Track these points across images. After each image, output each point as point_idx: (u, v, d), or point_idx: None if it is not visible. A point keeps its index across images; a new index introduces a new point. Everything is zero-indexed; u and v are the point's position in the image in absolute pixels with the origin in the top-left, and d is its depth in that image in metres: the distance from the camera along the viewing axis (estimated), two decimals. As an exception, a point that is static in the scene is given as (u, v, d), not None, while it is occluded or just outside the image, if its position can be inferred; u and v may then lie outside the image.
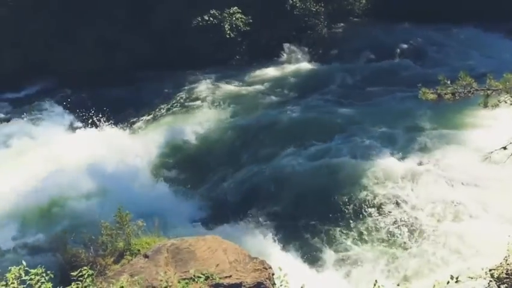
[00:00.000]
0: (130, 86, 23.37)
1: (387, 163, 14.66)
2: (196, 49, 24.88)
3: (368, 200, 13.54)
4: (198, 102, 21.54)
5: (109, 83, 23.30)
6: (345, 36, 28.84)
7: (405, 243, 12.09)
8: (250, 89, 22.83)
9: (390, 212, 13.16)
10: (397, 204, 13.33)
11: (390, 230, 12.58)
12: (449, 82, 6.82)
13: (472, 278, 6.78)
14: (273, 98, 21.85)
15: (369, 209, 13.28)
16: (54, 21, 24.79)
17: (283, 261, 9.95)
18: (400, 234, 12.41)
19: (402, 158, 15.04)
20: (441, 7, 28.02)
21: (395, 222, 12.78)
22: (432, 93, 6.80)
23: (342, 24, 30.48)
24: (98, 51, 24.42)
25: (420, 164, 14.76)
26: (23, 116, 20.43)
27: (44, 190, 13.78)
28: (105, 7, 24.94)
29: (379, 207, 13.33)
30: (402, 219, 12.85)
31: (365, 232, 12.57)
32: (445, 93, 6.80)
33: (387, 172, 14.33)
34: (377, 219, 12.88)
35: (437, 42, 26.92)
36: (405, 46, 26.60)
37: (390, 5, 29.57)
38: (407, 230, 12.53)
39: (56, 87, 24.15)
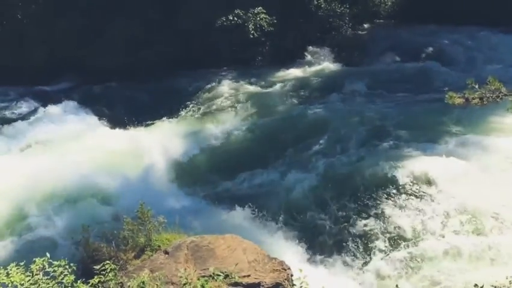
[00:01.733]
0: (155, 85, 23.62)
1: (411, 168, 14.43)
2: (220, 49, 25.03)
3: (393, 205, 13.34)
4: (221, 102, 21.64)
5: (134, 81, 23.65)
6: (370, 38, 28.60)
7: (432, 250, 11.84)
8: (273, 89, 22.82)
9: (414, 217, 12.94)
10: (422, 210, 13.10)
11: (416, 236, 12.35)
12: (476, 86, 6.68)
13: (495, 287, 6.66)
14: (296, 98, 21.79)
15: (395, 214, 13.08)
16: (84, 19, 25.23)
17: (302, 263, 9.92)
18: (427, 241, 12.16)
19: (428, 163, 14.76)
20: (468, 9, 27.53)
21: (422, 229, 12.55)
22: (459, 97, 6.67)
23: (366, 25, 30.25)
24: (125, 49, 24.77)
25: (446, 169, 14.45)
26: (49, 110, 20.79)
27: (68, 184, 14.02)
28: (133, 6, 25.29)
29: (404, 212, 13.13)
30: (429, 226, 12.61)
31: (390, 238, 12.38)
32: (473, 98, 6.66)
33: (412, 177, 14.11)
34: (403, 225, 12.68)
35: (464, 45, 26.47)
36: (431, 49, 26.23)
37: (415, 6, 29.21)
38: (434, 237, 12.29)
39: (83, 84, 24.60)
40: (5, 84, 24.01)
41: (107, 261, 5.71)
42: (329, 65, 25.56)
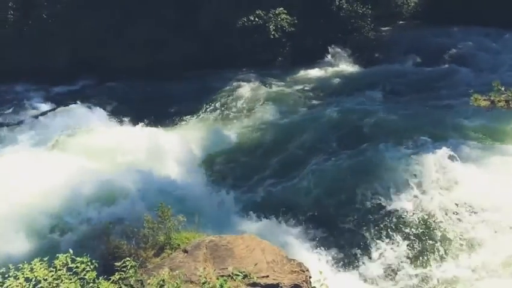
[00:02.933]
0: (175, 85, 23.81)
1: (432, 172, 14.22)
2: (240, 49, 25.09)
3: (412, 209, 13.19)
4: (241, 102, 21.68)
5: (154, 82, 23.89)
6: (392, 39, 28.30)
7: (456, 254, 11.65)
8: (293, 90, 22.77)
9: (434, 221, 12.76)
10: (442, 213, 12.91)
11: (436, 240, 12.18)
12: (503, 89, 6.55)
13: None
14: (316, 99, 21.71)
15: (413, 219, 12.92)
16: (106, 20, 25.59)
17: (321, 266, 9.86)
18: (448, 245, 11.98)
19: (449, 167, 14.51)
20: (493, 11, 27.01)
21: (442, 233, 12.37)
22: (484, 99, 6.55)
23: (389, 27, 29.95)
24: (146, 49, 25.05)
25: (466, 175, 14.20)
26: (70, 109, 21.09)
27: (89, 182, 14.20)
28: (154, 7, 25.55)
29: (422, 217, 12.96)
30: (450, 229, 12.41)
31: (410, 242, 12.24)
32: (498, 100, 6.54)
33: (432, 181, 13.91)
34: (423, 231, 12.51)
35: (488, 48, 25.96)
36: (454, 51, 25.80)
37: (439, 7, 28.82)
38: (457, 241, 12.09)
39: (104, 83, 24.94)
40: (26, 82, 24.52)
41: (128, 258, 5.77)
42: (349, 66, 25.41)
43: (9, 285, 5.14)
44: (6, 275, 5.22)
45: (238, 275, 7.06)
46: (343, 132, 17.58)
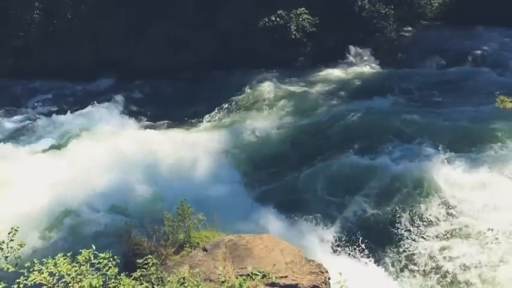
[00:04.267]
0: (195, 84, 23.96)
1: (456, 175, 14.00)
2: (261, 49, 25.07)
3: (434, 211, 13.02)
4: (261, 102, 21.70)
5: (175, 81, 24.08)
6: (415, 40, 27.94)
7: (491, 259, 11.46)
8: (314, 90, 22.67)
9: (459, 223, 12.57)
10: (469, 217, 12.70)
11: (461, 242, 11.99)
12: (530, 91, 6.41)
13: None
14: (336, 100, 21.57)
15: (435, 219, 12.76)
16: (128, 20, 25.88)
17: (341, 267, 9.78)
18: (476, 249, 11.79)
19: (473, 171, 14.25)
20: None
21: (468, 235, 12.20)
22: (511, 101, 6.43)
23: (412, 27, 29.56)
24: (167, 49, 25.23)
25: (492, 178, 13.91)
26: (92, 108, 21.40)
27: (110, 179, 14.40)
28: (175, 6, 25.73)
29: (445, 219, 12.78)
30: (480, 230, 12.22)
31: (432, 243, 12.09)
32: (526, 103, 6.41)
33: (456, 184, 13.70)
34: (447, 231, 12.35)
35: (514, 49, 25.45)
36: (478, 52, 25.35)
37: (463, 8, 28.32)
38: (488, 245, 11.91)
39: (125, 83, 25.24)
40: (49, 80, 24.98)
41: (150, 256, 5.83)
42: (371, 67, 25.18)
43: (34, 279, 5.24)
44: (31, 269, 5.33)
45: (257, 275, 7.05)
46: (362, 134, 17.41)
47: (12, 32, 26.68)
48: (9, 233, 5.79)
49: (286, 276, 8.49)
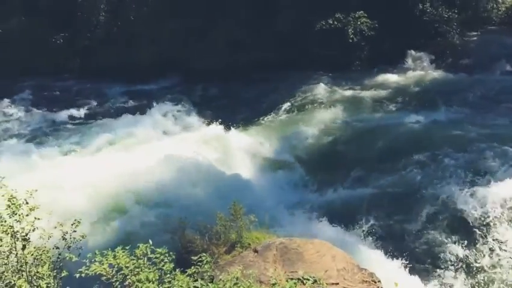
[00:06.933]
0: (251, 86, 24.18)
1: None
2: (317, 52, 24.90)
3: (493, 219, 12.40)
4: (315, 105, 21.54)
5: (232, 82, 24.41)
6: (479, 45, 26.67)
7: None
8: (370, 95, 22.20)
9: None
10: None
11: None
12: None
13: None
14: (393, 106, 21.00)
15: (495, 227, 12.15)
16: (189, 22, 26.50)
17: (395, 276, 9.51)
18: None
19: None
20: None
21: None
22: None
23: (476, 32, 28.29)
24: (226, 50, 25.65)
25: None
26: (151, 109, 22.03)
27: (165, 179, 14.76)
28: (234, 9, 26.11)
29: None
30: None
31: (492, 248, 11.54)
32: None
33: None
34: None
35: None
36: (548, 59, 23.91)
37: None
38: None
39: (184, 83, 25.89)
40: (110, 81, 26.04)
41: (204, 254, 5.94)
42: (431, 72, 24.32)
43: (95, 269, 5.48)
44: (93, 260, 5.57)
45: (308, 280, 7.01)
46: (419, 144, 16.56)
47: (79, 33, 28.09)
48: (72, 224, 6.07)
49: (337, 283, 8.34)
